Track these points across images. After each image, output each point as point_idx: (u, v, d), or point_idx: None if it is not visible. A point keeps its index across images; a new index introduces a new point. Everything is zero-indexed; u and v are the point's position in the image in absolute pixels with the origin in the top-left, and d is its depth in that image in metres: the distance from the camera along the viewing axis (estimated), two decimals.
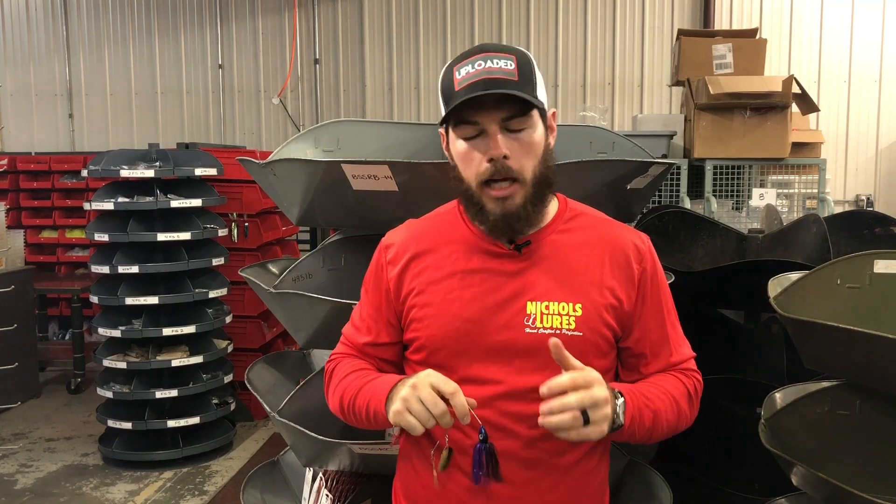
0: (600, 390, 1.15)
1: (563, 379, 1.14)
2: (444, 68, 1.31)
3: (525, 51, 1.30)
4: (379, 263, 1.41)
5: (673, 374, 1.38)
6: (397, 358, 1.42)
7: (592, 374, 1.16)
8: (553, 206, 1.37)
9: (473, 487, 1.29)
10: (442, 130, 1.35)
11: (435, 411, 1.13)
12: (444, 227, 1.39)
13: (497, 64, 1.24)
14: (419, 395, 1.15)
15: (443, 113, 1.29)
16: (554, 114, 1.34)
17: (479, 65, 1.24)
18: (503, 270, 1.32)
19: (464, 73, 1.25)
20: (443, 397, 1.14)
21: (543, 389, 1.13)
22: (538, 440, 1.29)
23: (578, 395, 1.13)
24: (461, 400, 1.14)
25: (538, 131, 1.28)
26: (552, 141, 1.34)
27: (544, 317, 1.29)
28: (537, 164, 1.28)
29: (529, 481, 1.30)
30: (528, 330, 1.29)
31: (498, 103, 1.23)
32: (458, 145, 1.28)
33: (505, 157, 1.24)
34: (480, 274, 1.32)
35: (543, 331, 1.28)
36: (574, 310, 1.29)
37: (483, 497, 1.30)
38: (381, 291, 1.39)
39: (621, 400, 1.21)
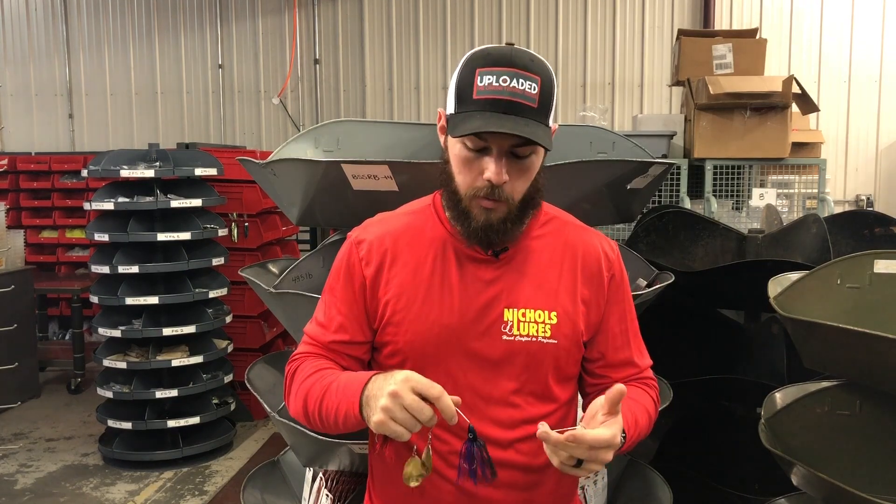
0: (607, 455, 1.15)
1: (588, 437, 1.12)
2: (465, 61, 1.25)
3: (550, 69, 1.26)
4: (350, 260, 1.36)
5: (643, 388, 1.40)
6: (366, 356, 1.38)
7: (615, 439, 1.14)
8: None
9: (455, 490, 1.29)
10: (441, 110, 1.33)
11: (422, 417, 1.09)
12: (419, 226, 1.37)
13: (522, 86, 1.21)
14: (402, 403, 1.10)
15: (452, 109, 1.26)
16: (554, 129, 1.31)
17: (505, 80, 1.20)
18: (481, 277, 1.31)
19: (486, 82, 1.21)
20: (426, 401, 1.11)
21: (569, 435, 1.12)
22: (515, 443, 1.30)
23: (586, 452, 1.13)
24: (447, 402, 1.10)
25: (539, 156, 1.28)
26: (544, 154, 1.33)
27: (521, 324, 1.29)
28: (528, 187, 1.28)
29: (509, 482, 1.31)
30: (504, 337, 1.29)
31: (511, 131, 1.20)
32: (457, 149, 1.26)
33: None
34: (459, 279, 1.31)
35: (520, 338, 1.29)
36: (550, 318, 1.30)
37: (465, 499, 1.30)
38: (353, 288, 1.34)
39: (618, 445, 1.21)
